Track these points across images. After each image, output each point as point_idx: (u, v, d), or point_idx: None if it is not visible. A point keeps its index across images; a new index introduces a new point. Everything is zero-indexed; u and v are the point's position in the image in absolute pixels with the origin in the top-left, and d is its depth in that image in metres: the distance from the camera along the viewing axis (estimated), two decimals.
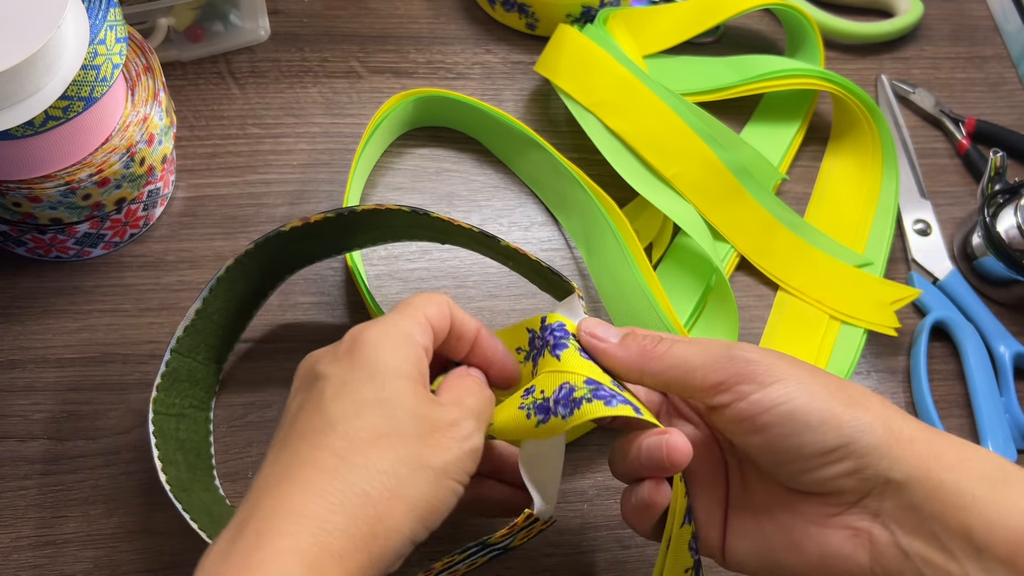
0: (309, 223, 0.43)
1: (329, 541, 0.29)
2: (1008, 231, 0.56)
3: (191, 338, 0.45)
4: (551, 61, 0.58)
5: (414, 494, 0.31)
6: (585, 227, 0.55)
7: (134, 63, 0.49)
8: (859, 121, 0.60)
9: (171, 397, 0.44)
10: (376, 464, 0.31)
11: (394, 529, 0.30)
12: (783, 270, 0.56)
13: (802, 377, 0.34)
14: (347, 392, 0.33)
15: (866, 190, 0.60)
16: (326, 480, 0.30)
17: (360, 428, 0.32)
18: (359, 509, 0.30)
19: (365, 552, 0.30)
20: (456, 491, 0.33)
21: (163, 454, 0.43)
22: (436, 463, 0.32)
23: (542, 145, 0.55)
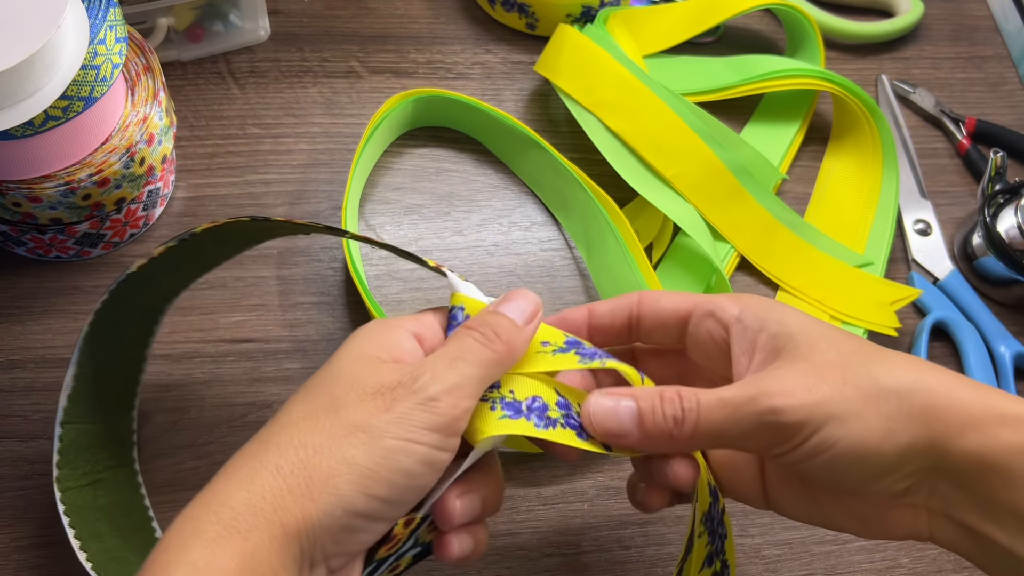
0: (154, 258, 0.40)
1: (232, 517, 0.28)
2: (1008, 231, 0.56)
3: (80, 405, 0.42)
4: (551, 61, 0.58)
5: (336, 460, 0.29)
6: (585, 227, 0.55)
7: (134, 63, 0.49)
8: (859, 121, 0.60)
9: (78, 468, 0.42)
10: (294, 439, 0.30)
11: (308, 498, 0.29)
12: (783, 270, 0.56)
13: (838, 412, 0.32)
14: (303, 386, 0.33)
15: (866, 190, 0.60)
16: (244, 463, 0.30)
17: (292, 412, 0.31)
18: (267, 484, 0.29)
19: (277, 524, 0.28)
20: (409, 450, 0.30)
21: (80, 531, 0.41)
22: (369, 424, 0.30)
23: (542, 145, 0.55)
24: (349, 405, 0.30)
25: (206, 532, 0.28)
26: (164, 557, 0.28)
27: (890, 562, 0.48)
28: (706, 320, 0.36)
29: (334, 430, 0.30)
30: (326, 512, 0.29)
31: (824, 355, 0.33)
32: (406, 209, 0.55)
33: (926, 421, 0.32)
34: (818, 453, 0.32)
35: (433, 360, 0.32)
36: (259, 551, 0.28)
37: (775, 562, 0.48)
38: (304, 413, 0.31)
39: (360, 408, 0.30)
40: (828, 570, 0.48)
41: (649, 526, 0.48)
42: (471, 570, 0.45)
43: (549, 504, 0.47)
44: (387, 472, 0.30)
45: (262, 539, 0.28)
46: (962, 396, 0.32)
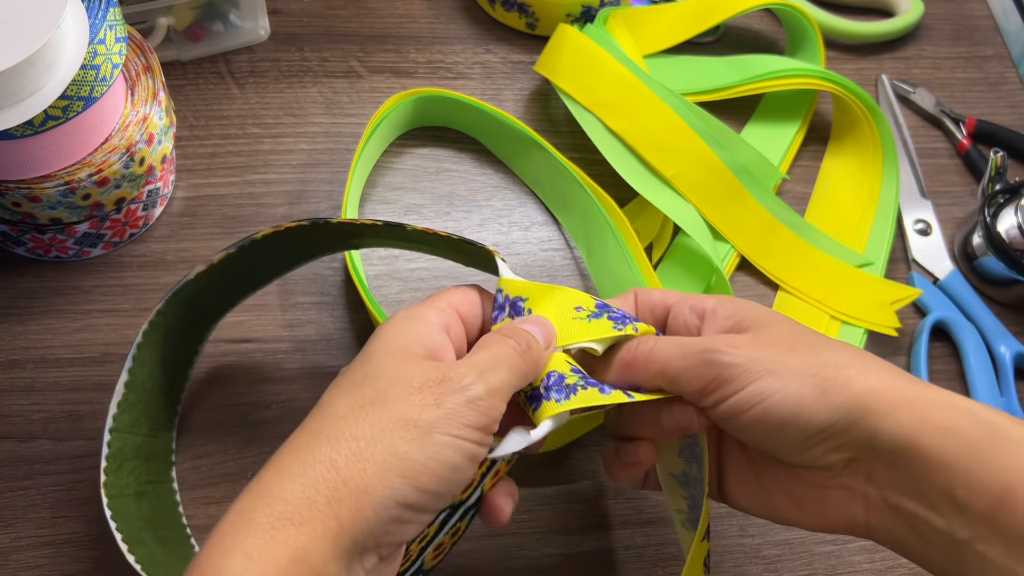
0: (214, 264, 0.40)
1: (286, 509, 0.29)
2: (1008, 231, 0.56)
3: (127, 414, 0.43)
4: (551, 61, 0.58)
5: (388, 454, 0.30)
6: (585, 227, 0.55)
7: (134, 63, 0.49)
8: (859, 121, 0.60)
9: (123, 478, 0.42)
10: (344, 432, 0.31)
11: (363, 491, 0.30)
12: (783, 270, 0.56)
13: (777, 369, 0.34)
14: (341, 379, 0.33)
15: (866, 190, 0.60)
16: (294, 455, 0.31)
17: (338, 406, 0.32)
18: (321, 476, 0.30)
19: (332, 516, 0.29)
20: (457, 446, 0.31)
21: (127, 535, 0.41)
22: (420, 419, 0.31)
23: (542, 145, 0.55)
24: (396, 399, 0.31)
25: (260, 524, 0.29)
26: (219, 547, 0.29)
27: (890, 562, 0.48)
28: (684, 311, 0.39)
29: (384, 423, 0.31)
30: (381, 505, 0.30)
31: (778, 330, 0.36)
32: (406, 209, 0.55)
33: (860, 394, 0.33)
34: (752, 403, 0.34)
35: (476, 363, 0.33)
36: (312, 542, 0.29)
37: (775, 562, 0.48)
38: (351, 406, 0.32)
39: (407, 402, 0.31)
40: (828, 570, 0.48)
41: (649, 526, 0.48)
42: (471, 570, 0.45)
43: (549, 504, 0.47)
44: (437, 466, 0.31)
45: (315, 531, 0.29)
46: (896, 381, 0.34)
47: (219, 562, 0.28)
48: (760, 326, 0.37)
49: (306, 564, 0.28)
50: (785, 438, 0.34)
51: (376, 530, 0.30)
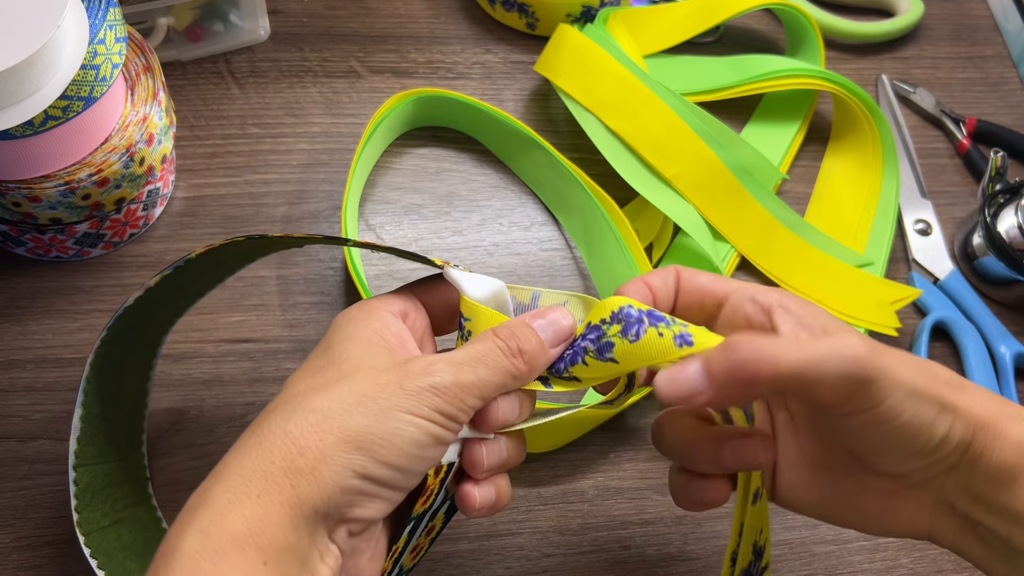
0: (151, 288, 0.39)
1: (241, 483, 0.29)
2: (1009, 231, 0.56)
3: (90, 446, 0.42)
4: (551, 61, 0.58)
5: (347, 426, 0.30)
6: (585, 227, 0.55)
7: (134, 63, 0.49)
8: (860, 121, 0.60)
9: (97, 510, 0.42)
10: (302, 405, 0.31)
11: (320, 460, 0.29)
12: (783, 270, 0.56)
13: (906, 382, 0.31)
14: (302, 367, 0.33)
15: (866, 190, 0.60)
16: (250, 433, 0.31)
17: (297, 387, 0.32)
18: (276, 447, 0.29)
19: (288, 486, 0.29)
20: (417, 423, 0.31)
21: (111, 571, 0.40)
22: (380, 397, 0.31)
23: (542, 145, 0.55)
24: (359, 379, 0.31)
25: (216, 500, 0.29)
26: (176, 528, 0.29)
27: (890, 562, 0.48)
28: (746, 304, 0.35)
29: (344, 398, 0.31)
30: (338, 473, 0.29)
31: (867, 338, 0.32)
32: (406, 209, 0.55)
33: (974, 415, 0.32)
34: (887, 420, 0.31)
35: (450, 356, 0.33)
36: (269, 513, 0.28)
37: (775, 562, 0.47)
38: (310, 386, 0.32)
39: (371, 381, 0.31)
40: (828, 570, 0.48)
41: (649, 526, 0.48)
42: (471, 570, 0.45)
43: (549, 504, 0.47)
44: (398, 440, 0.30)
45: (272, 502, 0.29)
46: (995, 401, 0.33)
47: (175, 541, 0.28)
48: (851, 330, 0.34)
49: (263, 535, 0.28)
50: (897, 452, 0.33)
51: (337, 499, 0.30)
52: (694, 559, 0.47)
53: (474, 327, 0.36)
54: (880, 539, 0.49)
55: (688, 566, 0.47)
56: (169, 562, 0.28)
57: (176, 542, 0.28)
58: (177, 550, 0.28)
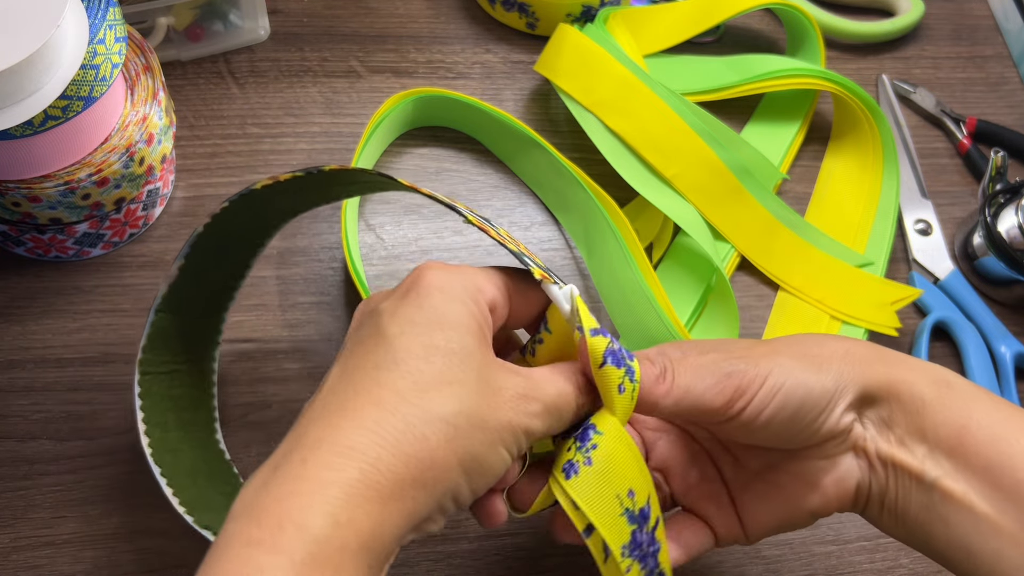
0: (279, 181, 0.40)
1: (377, 479, 0.28)
2: (1009, 231, 0.56)
3: (176, 296, 0.43)
4: (551, 60, 0.58)
5: (468, 448, 0.30)
6: (585, 227, 0.54)
7: (133, 62, 0.49)
8: (860, 121, 0.60)
9: (161, 355, 0.43)
10: (437, 409, 0.30)
11: (441, 480, 0.29)
12: (783, 270, 0.56)
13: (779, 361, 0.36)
14: (414, 333, 0.31)
15: (867, 190, 0.60)
16: (383, 416, 0.29)
17: (426, 371, 0.30)
18: (413, 452, 0.29)
19: (410, 499, 0.28)
20: (504, 460, 0.32)
21: (148, 416, 0.42)
22: (493, 424, 0.31)
23: (542, 145, 0.55)
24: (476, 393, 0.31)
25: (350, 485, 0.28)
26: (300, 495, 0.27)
27: (891, 562, 0.48)
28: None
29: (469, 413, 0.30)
30: (444, 494, 0.30)
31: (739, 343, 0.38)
32: (406, 209, 0.55)
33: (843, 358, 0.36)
34: (771, 397, 0.35)
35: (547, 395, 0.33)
36: (392, 523, 0.28)
37: (775, 562, 0.47)
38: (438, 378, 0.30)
39: (488, 403, 0.31)
40: (828, 570, 0.48)
41: None
42: (471, 570, 0.45)
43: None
44: (490, 473, 0.31)
45: (397, 509, 0.29)
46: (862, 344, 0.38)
47: (304, 517, 0.26)
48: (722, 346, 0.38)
49: (380, 540, 0.28)
50: (803, 418, 0.36)
51: (430, 516, 0.30)
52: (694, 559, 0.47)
53: (550, 340, 0.37)
54: (881, 539, 0.49)
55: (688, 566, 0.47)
56: (291, 535, 0.26)
57: (304, 518, 0.27)
58: (305, 528, 0.26)
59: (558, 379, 0.34)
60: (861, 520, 0.49)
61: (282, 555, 0.26)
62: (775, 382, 0.35)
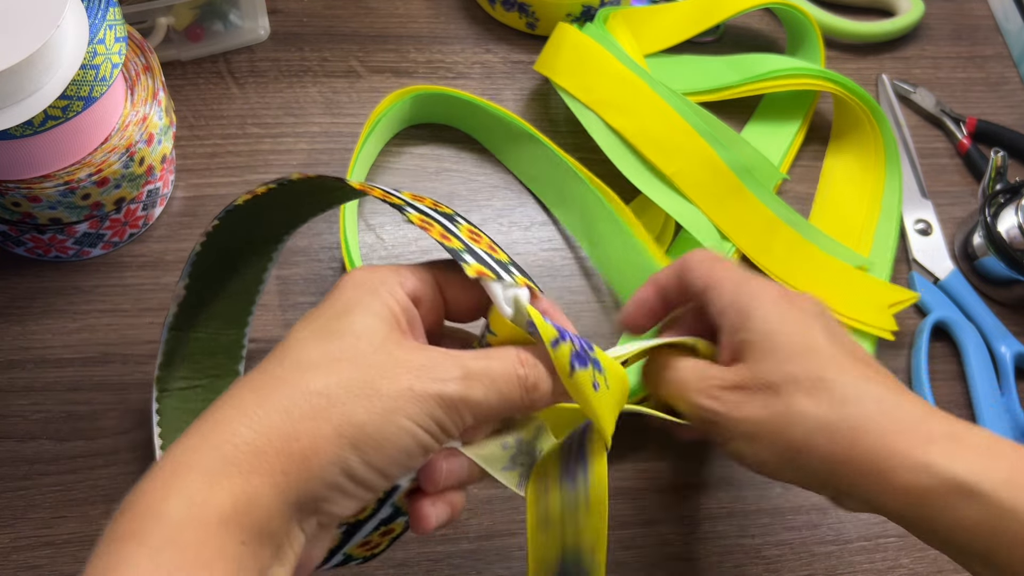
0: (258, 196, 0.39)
1: (235, 455, 0.28)
2: (1009, 231, 0.56)
3: (188, 313, 0.43)
4: (550, 60, 0.58)
5: (347, 417, 0.29)
6: (585, 220, 0.55)
7: (133, 62, 0.49)
8: (861, 121, 0.60)
9: (179, 371, 0.43)
10: (309, 385, 0.29)
11: (313, 451, 0.28)
12: (784, 269, 0.56)
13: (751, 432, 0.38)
14: (312, 325, 0.32)
15: (869, 191, 0.60)
16: (252, 398, 0.29)
17: (311, 354, 0.30)
18: (275, 426, 0.28)
19: (279, 472, 0.28)
20: (415, 433, 0.30)
21: (165, 431, 0.42)
22: (387, 391, 0.29)
23: (538, 138, 0.55)
24: (370, 366, 0.30)
25: (205, 466, 0.27)
26: (161, 483, 0.27)
27: (891, 562, 0.48)
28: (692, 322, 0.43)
29: (351, 387, 0.29)
30: (326, 468, 0.28)
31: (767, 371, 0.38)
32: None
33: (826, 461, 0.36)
34: (733, 456, 0.39)
35: (470, 366, 0.31)
36: (258, 495, 0.28)
37: (775, 562, 0.47)
38: (320, 359, 0.30)
39: (380, 372, 0.30)
40: (828, 570, 0.48)
41: (650, 527, 0.48)
42: (471, 570, 0.45)
43: None
44: (390, 446, 0.29)
45: (263, 482, 0.28)
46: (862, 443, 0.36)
47: (160, 504, 0.27)
48: (756, 353, 0.38)
49: (248, 515, 0.27)
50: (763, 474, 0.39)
51: (319, 494, 0.29)
52: (694, 559, 0.47)
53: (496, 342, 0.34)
54: (880, 539, 0.49)
55: (688, 566, 0.47)
56: (150, 523, 0.26)
57: (159, 505, 0.27)
58: (162, 514, 0.26)
59: (488, 351, 0.33)
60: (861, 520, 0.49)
61: (141, 543, 0.26)
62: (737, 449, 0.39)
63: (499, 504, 0.47)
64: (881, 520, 0.50)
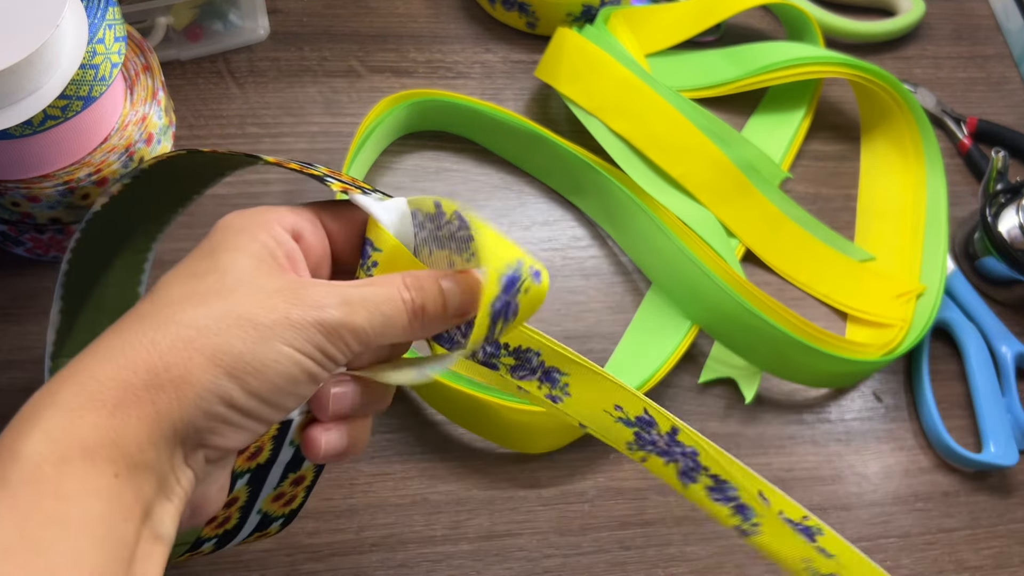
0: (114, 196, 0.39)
1: (98, 390, 0.26)
2: (1010, 231, 0.56)
3: (69, 340, 0.42)
4: (551, 65, 0.58)
5: (220, 347, 0.27)
6: (606, 206, 0.55)
7: (133, 62, 0.49)
8: (891, 110, 0.59)
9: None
10: (174, 317, 0.28)
11: (186, 380, 0.27)
12: (790, 265, 0.56)
13: None
14: (179, 268, 0.31)
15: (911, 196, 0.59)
16: (115, 337, 0.28)
17: (172, 292, 0.29)
18: (141, 358, 0.27)
19: (148, 403, 0.26)
20: (295, 359, 0.28)
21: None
22: (263, 320, 0.28)
23: (547, 137, 0.55)
24: (242, 297, 0.29)
25: (66, 403, 0.26)
26: (17, 427, 0.26)
27: (891, 563, 0.48)
28: None
29: (222, 316, 0.28)
30: (203, 397, 0.27)
31: None
32: None
33: None
34: None
35: (347, 292, 0.30)
36: (126, 426, 0.26)
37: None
38: (187, 294, 0.29)
39: (254, 302, 0.29)
40: None
41: (650, 527, 0.47)
42: (471, 571, 0.45)
43: (549, 504, 0.47)
44: (271, 372, 0.28)
45: (130, 415, 0.26)
46: None
47: (16, 443, 0.25)
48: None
49: (117, 447, 0.26)
50: None
51: (198, 423, 0.27)
52: (694, 559, 0.47)
53: (382, 259, 0.33)
54: (881, 539, 0.49)
55: (688, 566, 0.47)
56: (7, 463, 0.25)
57: (16, 444, 0.25)
58: (18, 454, 0.25)
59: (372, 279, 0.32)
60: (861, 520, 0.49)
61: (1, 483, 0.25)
62: None
63: (499, 504, 0.47)
64: (881, 520, 0.50)
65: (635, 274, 0.55)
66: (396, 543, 0.45)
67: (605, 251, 0.56)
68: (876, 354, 0.52)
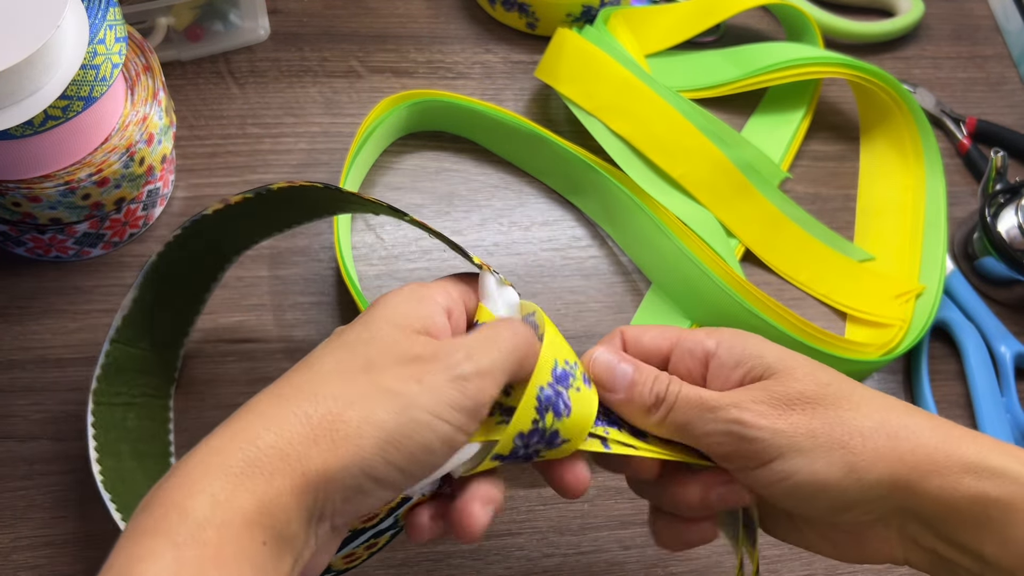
0: (230, 204, 0.41)
1: (257, 456, 0.28)
2: (1009, 231, 0.56)
3: (131, 328, 0.44)
4: (551, 66, 0.58)
5: (365, 420, 0.29)
6: (604, 205, 0.55)
7: (133, 62, 0.49)
8: (890, 111, 0.59)
9: (115, 386, 0.44)
10: (327, 390, 0.30)
11: (332, 452, 0.29)
12: (790, 265, 0.56)
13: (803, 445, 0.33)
14: (334, 339, 0.33)
15: (911, 196, 0.59)
16: (274, 405, 0.30)
17: (325, 364, 0.31)
18: (296, 431, 0.29)
19: (299, 472, 0.28)
20: (435, 426, 0.30)
21: (101, 445, 0.42)
22: (404, 390, 0.30)
23: (546, 137, 0.55)
24: (384, 368, 0.31)
25: (230, 467, 0.28)
26: (186, 482, 0.28)
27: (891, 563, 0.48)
28: (684, 358, 0.37)
29: (367, 389, 0.30)
30: (345, 469, 0.29)
31: (800, 384, 0.34)
32: (406, 209, 0.55)
33: (890, 463, 0.33)
34: (778, 479, 0.33)
35: (468, 342, 0.32)
36: (280, 496, 0.28)
37: (775, 562, 0.47)
38: (338, 367, 0.31)
39: (394, 373, 0.31)
40: (828, 570, 0.48)
41: None
42: (471, 570, 0.45)
43: (549, 504, 0.47)
44: (410, 443, 0.30)
45: (284, 484, 0.28)
46: (927, 442, 0.33)
47: (185, 501, 0.27)
48: (775, 373, 0.35)
49: (271, 516, 0.28)
50: (814, 508, 0.34)
51: (337, 496, 0.29)
52: (694, 559, 0.47)
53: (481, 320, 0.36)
54: None
55: (688, 566, 0.47)
56: (175, 519, 0.27)
57: (186, 502, 0.27)
58: (187, 511, 0.27)
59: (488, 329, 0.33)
60: None
61: (165, 537, 0.27)
62: (785, 467, 0.33)
63: None
64: None
65: (635, 274, 0.55)
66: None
67: (605, 251, 0.56)
68: (875, 354, 0.52)
